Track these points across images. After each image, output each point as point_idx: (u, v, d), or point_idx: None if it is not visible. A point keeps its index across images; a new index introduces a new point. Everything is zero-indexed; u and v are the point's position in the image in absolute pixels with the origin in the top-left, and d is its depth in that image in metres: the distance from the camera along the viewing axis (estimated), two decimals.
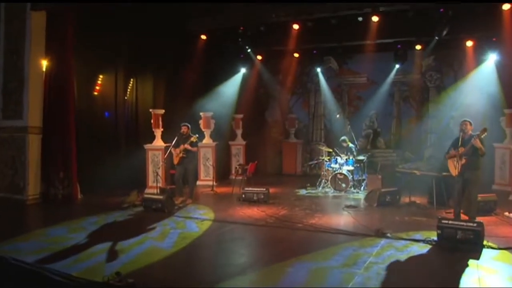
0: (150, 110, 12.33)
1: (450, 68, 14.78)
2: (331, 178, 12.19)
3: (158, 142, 12.25)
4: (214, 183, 12.87)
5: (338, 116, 15.98)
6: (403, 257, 6.26)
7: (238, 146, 15.80)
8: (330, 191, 12.19)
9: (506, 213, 8.94)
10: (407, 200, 10.35)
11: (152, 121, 12.17)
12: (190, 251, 6.72)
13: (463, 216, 7.97)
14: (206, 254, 6.64)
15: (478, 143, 7.68)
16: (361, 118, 16.19)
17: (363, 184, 12.36)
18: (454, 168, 8.10)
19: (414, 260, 6.22)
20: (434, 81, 14.98)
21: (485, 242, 6.68)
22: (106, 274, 5.21)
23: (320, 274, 5.53)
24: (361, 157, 12.47)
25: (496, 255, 6.35)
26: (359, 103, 16.40)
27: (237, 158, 15.70)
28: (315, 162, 14.76)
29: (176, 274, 5.63)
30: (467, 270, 5.69)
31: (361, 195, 11.65)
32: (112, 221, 8.67)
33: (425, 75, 15.13)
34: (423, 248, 6.69)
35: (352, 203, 10.58)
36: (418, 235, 7.32)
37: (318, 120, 16.96)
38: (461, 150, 7.83)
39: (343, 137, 12.74)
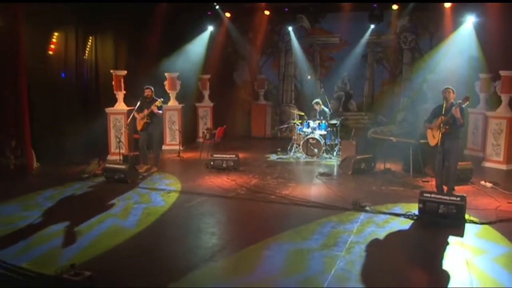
0: (111, 71, 11.58)
1: (426, 30, 14.30)
2: (303, 143, 11.72)
3: (120, 106, 11.60)
4: (181, 148, 12.29)
5: (309, 77, 15.51)
6: (384, 234, 5.94)
7: (205, 108, 15.23)
8: (302, 157, 11.77)
9: (482, 182, 8.76)
10: (381, 167, 10.07)
11: (113, 82, 11.47)
12: (155, 230, 6.18)
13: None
14: (172, 234, 6.05)
15: (457, 113, 7.35)
16: (333, 79, 15.66)
17: (335, 149, 11.98)
18: (432, 137, 7.83)
19: (397, 238, 5.90)
20: (409, 43, 14.50)
21: (466, 217, 6.45)
22: (61, 263, 4.66)
23: (300, 258, 5.09)
24: (334, 121, 12.04)
25: (479, 230, 6.13)
26: (331, 64, 15.85)
27: (205, 120, 15.14)
28: (286, 125, 14.25)
29: (140, 262, 5.07)
30: (453, 250, 5.41)
31: (333, 160, 11.31)
32: (70, 194, 8.01)
33: (400, 36, 14.64)
34: (405, 224, 6.38)
35: (326, 170, 10.22)
36: (398, 208, 7.04)
37: (289, 81, 16.38)
38: (443, 118, 7.46)
39: (316, 100, 12.27)
